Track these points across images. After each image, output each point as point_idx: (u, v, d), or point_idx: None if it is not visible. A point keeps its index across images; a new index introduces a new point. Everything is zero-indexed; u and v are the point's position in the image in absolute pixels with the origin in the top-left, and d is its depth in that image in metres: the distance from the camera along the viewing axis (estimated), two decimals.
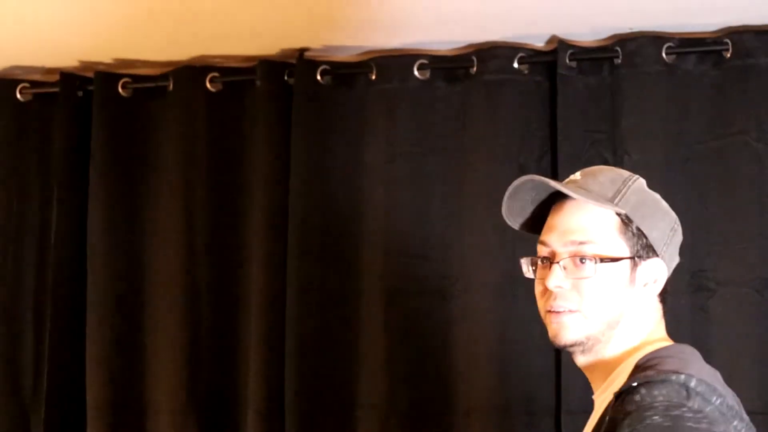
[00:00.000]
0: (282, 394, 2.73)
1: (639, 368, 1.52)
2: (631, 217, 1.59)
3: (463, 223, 2.69)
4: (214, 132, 2.90)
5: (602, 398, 1.58)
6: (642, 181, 1.65)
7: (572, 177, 1.68)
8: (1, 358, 3.00)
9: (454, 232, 2.71)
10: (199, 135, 2.90)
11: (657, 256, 1.60)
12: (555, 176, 2.61)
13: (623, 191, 1.60)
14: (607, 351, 1.60)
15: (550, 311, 1.60)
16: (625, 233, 1.59)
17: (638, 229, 1.59)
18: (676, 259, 1.66)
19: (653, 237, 1.60)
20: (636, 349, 1.59)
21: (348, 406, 2.75)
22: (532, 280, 1.68)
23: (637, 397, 1.42)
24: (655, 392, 1.42)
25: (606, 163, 2.58)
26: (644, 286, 1.60)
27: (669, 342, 1.62)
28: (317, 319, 2.76)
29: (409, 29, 2.64)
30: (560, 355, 2.53)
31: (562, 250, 1.59)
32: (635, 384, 1.45)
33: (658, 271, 1.61)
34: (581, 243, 1.58)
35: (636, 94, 2.57)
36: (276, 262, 2.77)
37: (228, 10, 2.49)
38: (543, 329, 2.53)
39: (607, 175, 1.65)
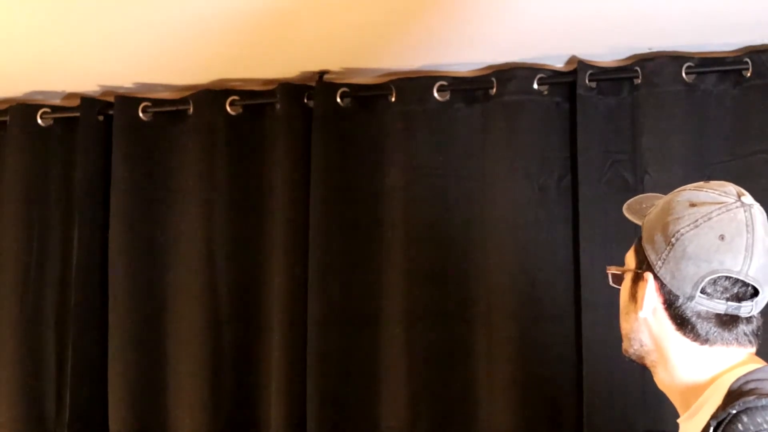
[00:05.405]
0: (303, 417, 2.72)
1: (734, 393, 1.47)
2: None
3: (484, 244, 2.68)
4: (234, 155, 2.90)
5: (691, 423, 1.53)
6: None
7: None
8: (23, 384, 3.00)
9: (474, 253, 2.70)
10: (219, 158, 2.90)
11: None
12: (575, 197, 2.61)
13: None
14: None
15: None
16: None
17: None
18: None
19: None
20: (726, 371, 1.54)
21: (369, 428, 2.74)
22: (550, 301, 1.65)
23: (740, 426, 1.38)
24: (758, 419, 1.38)
25: (626, 183, 2.58)
26: None
27: (761, 363, 1.57)
28: (338, 341, 2.75)
29: (429, 51, 2.64)
30: (582, 378, 2.52)
31: None
32: (735, 411, 1.40)
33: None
34: None
35: (656, 113, 2.56)
36: (297, 283, 2.77)
37: (247, 33, 2.49)
38: (565, 351, 2.56)
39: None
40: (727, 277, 1.52)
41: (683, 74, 2.55)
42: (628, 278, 1.65)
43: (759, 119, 2.51)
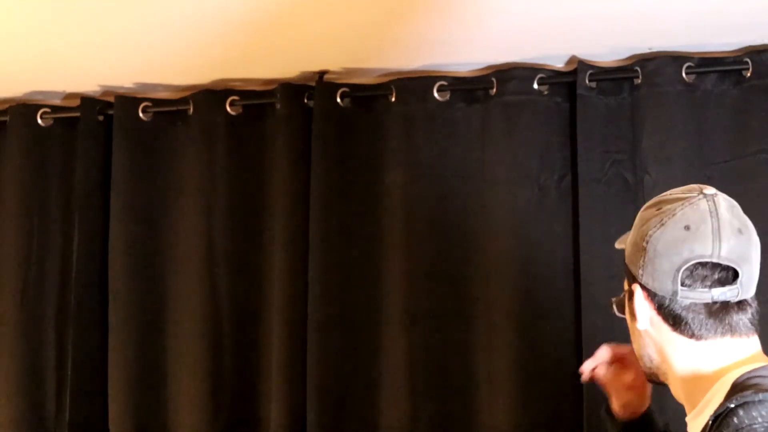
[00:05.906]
0: (304, 417, 2.72)
1: (736, 388, 1.47)
2: None
3: (484, 243, 2.68)
4: (234, 155, 2.90)
5: (698, 421, 1.53)
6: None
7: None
8: (23, 384, 3.00)
9: (474, 253, 2.70)
10: (219, 158, 2.90)
11: None
12: (575, 197, 2.61)
13: None
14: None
15: None
16: None
17: None
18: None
19: None
20: (732, 368, 1.54)
21: (369, 428, 2.74)
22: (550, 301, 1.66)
23: (735, 420, 1.38)
24: (754, 413, 1.38)
25: (626, 183, 2.58)
26: None
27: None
28: (338, 341, 2.75)
29: (429, 51, 2.64)
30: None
31: None
32: (732, 405, 1.40)
33: None
34: None
35: (656, 113, 2.56)
36: (297, 284, 2.76)
37: (247, 33, 2.49)
38: (565, 351, 2.55)
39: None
40: (701, 264, 1.53)
41: (683, 74, 2.55)
42: (625, 301, 1.67)
43: (759, 119, 2.51)
